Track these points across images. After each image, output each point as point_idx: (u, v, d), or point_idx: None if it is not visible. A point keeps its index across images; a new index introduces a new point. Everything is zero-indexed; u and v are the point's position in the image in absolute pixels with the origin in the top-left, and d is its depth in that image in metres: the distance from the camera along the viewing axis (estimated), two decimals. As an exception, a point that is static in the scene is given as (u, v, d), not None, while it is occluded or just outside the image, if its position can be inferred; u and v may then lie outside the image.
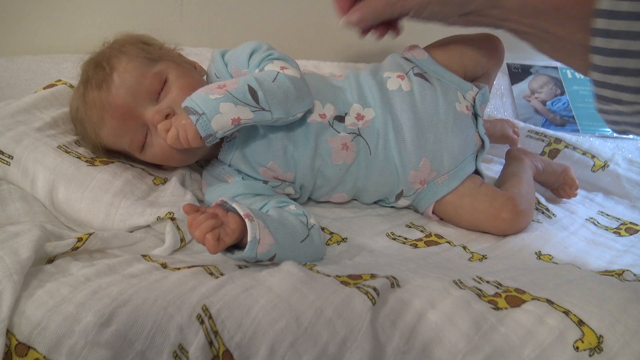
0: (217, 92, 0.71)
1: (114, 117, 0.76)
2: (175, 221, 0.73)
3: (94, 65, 0.78)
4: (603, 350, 0.52)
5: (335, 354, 0.53)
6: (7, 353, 0.51)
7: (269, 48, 0.82)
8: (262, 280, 0.58)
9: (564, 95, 1.34)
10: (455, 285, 0.60)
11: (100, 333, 0.51)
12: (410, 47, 0.91)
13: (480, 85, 0.91)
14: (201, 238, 0.61)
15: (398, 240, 0.80)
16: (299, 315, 0.54)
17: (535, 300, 0.57)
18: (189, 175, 0.86)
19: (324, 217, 0.85)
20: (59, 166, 0.76)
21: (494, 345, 0.53)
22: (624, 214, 1.00)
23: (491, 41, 0.92)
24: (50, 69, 1.04)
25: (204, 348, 0.53)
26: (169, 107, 0.76)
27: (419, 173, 0.84)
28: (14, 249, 0.57)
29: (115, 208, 0.74)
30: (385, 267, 0.67)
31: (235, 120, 0.71)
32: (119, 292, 0.54)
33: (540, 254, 0.78)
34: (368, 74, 0.87)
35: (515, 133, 1.07)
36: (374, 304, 0.55)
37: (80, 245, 0.65)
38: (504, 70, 1.36)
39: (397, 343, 0.55)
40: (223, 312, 0.54)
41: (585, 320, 0.54)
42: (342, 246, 0.77)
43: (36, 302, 0.53)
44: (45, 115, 0.84)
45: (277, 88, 0.73)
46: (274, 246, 0.65)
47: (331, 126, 0.81)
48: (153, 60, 0.79)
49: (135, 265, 0.61)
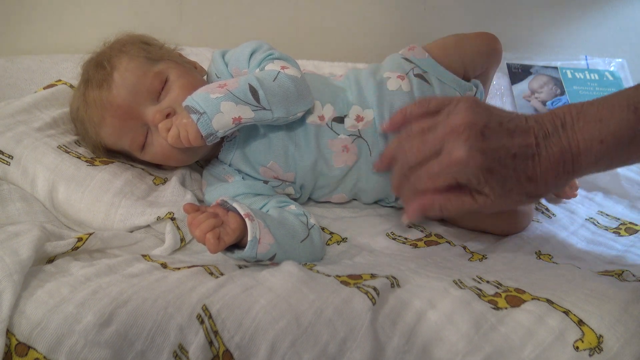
0: (218, 91, 0.71)
1: (115, 116, 0.76)
2: (175, 221, 0.73)
3: (95, 65, 0.78)
4: (603, 350, 0.52)
5: (335, 354, 0.53)
6: (7, 353, 0.51)
7: (270, 48, 0.82)
8: (262, 280, 0.58)
9: (564, 95, 1.34)
10: (456, 285, 0.60)
11: (101, 333, 0.51)
12: (410, 47, 0.91)
13: (476, 83, 0.91)
14: (201, 237, 0.61)
15: (398, 240, 0.80)
16: (299, 315, 0.54)
17: (535, 300, 0.57)
18: (189, 175, 0.86)
19: (324, 217, 0.85)
20: (59, 166, 0.76)
21: (494, 345, 0.53)
22: (624, 214, 1.00)
23: (490, 41, 0.92)
24: (50, 69, 1.04)
25: (204, 348, 0.53)
26: (170, 106, 0.76)
27: (419, 173, 0.84)
28: (14, 249, 0.57)
29: (115, 208, 0.74)
30: (385, 267, 0.67)
31: (236, 119, 0.71)
32: (119, 292, 0.54)
33: (540, 254, 0.78)
34: (368, 74, 0.87)
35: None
36: (374, 303, 0.55)
37: (80, 245, 0.65)
38: (504, 70, 1.36)
39: (397, 343, 0.55)
40: (223, 312, 0.54)
41: (585, 320, 0.54)
42: (342, 246, 0.77)
43: (36, 302, 0.53)
44: (45, 115, 0.84)
45: (278, 87, 0.73)
46: (274, 246, 0.65)
47: (330, 128, 0.81)
48: (154, 60, 0.79)
49: (135, 265, 0.61)
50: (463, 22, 1.40)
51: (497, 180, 0.58)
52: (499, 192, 0.59)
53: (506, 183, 0.59)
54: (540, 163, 0.58)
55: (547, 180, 0.59)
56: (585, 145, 0.58)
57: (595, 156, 0.58)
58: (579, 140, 0.58)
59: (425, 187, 0.61)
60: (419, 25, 1.36)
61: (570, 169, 0.59)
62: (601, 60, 1.45)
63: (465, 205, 0.61)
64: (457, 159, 0.58)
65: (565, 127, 0.58)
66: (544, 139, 0.59)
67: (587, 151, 0.58)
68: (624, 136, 0.57)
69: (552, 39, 1.47)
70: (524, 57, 1.38)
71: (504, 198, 0.60)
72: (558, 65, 1.39)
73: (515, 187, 0.59)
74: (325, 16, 1.29)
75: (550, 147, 0.58)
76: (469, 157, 0.57)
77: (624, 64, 1.44)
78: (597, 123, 0.58)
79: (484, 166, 0.58)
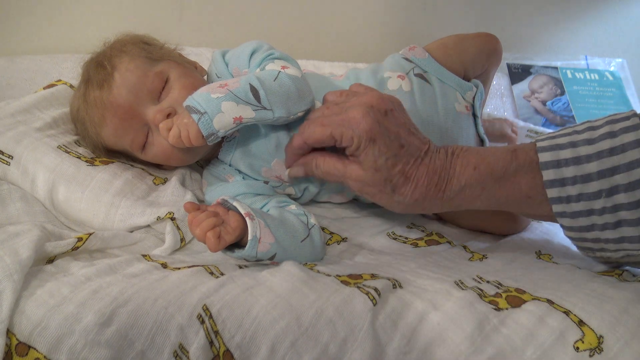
0: (218, 91, 0.71)
1: (116, 116, 0.76)
2: (175, 221, 0.73)
3: (95, 65, 0.78)
4: (603, 351, 0.52)
5: (335, 354, 0.53)
6: (8, 353, 0.51)
7: (270, 48, 0.82)
8: (263, 280, 0.58)
9: (564, 95, 1.34)
10: (457, 286, 0.60)
11: (101, 333, 0.51)
12: (411, 47, 0.91)
13: (476, 83, 0.91)
14: (202, 236, 0.61)
15: (399, 240, 0.80)
16: (299, 315, 0.54)
17: (536, 300, 0.57)
18: (189, 175, 0.86)
19: (324, 217, 0.85)
20: (59, 166, 0.76)
21: (497, 346, 0.53)
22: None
23: (490, 41, 0.92)
24: (50, 69, 1.04)
25: (204, 348, 0.53)
26: (171, 106, 0.76)
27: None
28: (14, 249, 0.57)
29: (115, 208, 0.74)
30: (385, 267, 0.67)
31: (237, 119, 0.71)
32: (119, 291, 0.54)
33: (540, 254, 0.78)
34: (369, 74, 0.87)
35: (513, 132, 1.08)
36: (374, 304, 0.55)
37: (80, 245, 0.65)
38: (504, 70, 1.36)
39: (398, 344, 0.55)
40: (224, 312, 0.54)
41: (585, 321, 0.54)
42: (342, 246, 0.77)
43: (36, 302, 0.53)
44: (45, 115, 0.84)
45: (279, 87, 0.73)
46: (274, 245, 0.65)
47: None
48: (154, 59, 0.79)
49: (136, 265, 0.61)
50: (463, 22, 1.40)
51: (373, 152, 0.64)
52: (370, 165, 0.64)
53: (380, 159, 0.64)
54: (419, 166, 0.65)
55: (417, 185, 0.65)
56: (461, 170, 0.65)
57: (466, 180, 0.64)
58: (457, 164, 0.65)
59: (313, 134, 0.67)
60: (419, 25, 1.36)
61: (442, 187, 0.65)
62: (601, 60, 1.45)
63: (336, 169, 0.68)
64: (352, 116, 0.65)
65: (454, 154, 0.66)
66: (433, 152, 0.66)
67: (461, 175, 0.65)
68: (496, 169, 0.63)
69: (552, 39, 1.47)
70: (524, 57, 1.39)
71: (371, 174, 0.65)
72: (558, 65, 1.39)
73: (386, 170, 0.64)
74: (325, 16, 1.29)
75: (433, 160, 0.65)
76: (362, 117, 0.64)
77: (624, 64, 1.44)
78: (477, 154, 0.65)
79: (371, 133, 0.64)
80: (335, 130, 0.65)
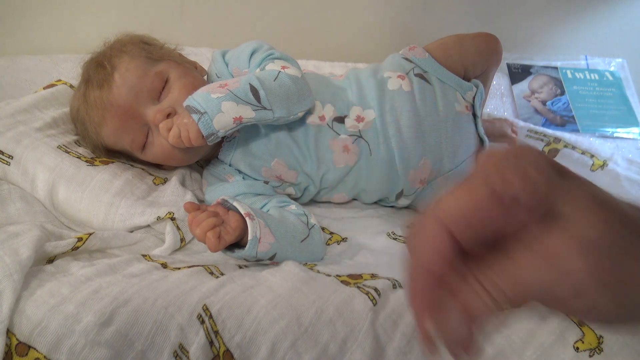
0: (218, 91, 0.71)
1: (116, 116, 0.76)
2: (175, 221, 0.73)
3: (95, 65, 0.78)
4: (603, 351, 0.52)
5: (335, 354, 0.53)
6: (8, 352, 0.51)
7: (270, 48, 0.82)
8: (263, 280, 0.58)
9: (564, 95, 1.34)
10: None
11: (101, 333, 0.51)
12: (411, 47, 0.91)
13: (476, 83, 0.91)
14: (202, 236, 0.61)
15: (398, 240, 0.80)
16: (299, 315, 0.54)
17: (536, 300, 0.57)
18: (189, 175, 0.86)
19: (324, 217, 0.84)
20: (59, 166, 0.76)
21: (497, 346, 0.53)
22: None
23: (490, 41, 0.92)
24: (50, 69, 1.04)
25: (204, 348, 0.53)
26: (171, 106, 0.75)
27: (419, 173, 0.84)
28: (14, 249, 0.57)
29: (115, 208, 0.74)
30: (385, 267, 0.67)
31: (237, 119, 0.71)
32: (119, 291, 0.54)
33: (541, 254, 0.78)
34: (369, 74, 0.87)
35: (513, 132, 1.08)
36: (374, 304, 0.55)
37: (80, 245, 0.65)
38: (504, 70, 1.36)
39: (398, 343, 0.54)
40: (223, 312, 0.54)
41: (585, 320, 0.54)
42: (342, 246, 0.77)
43: (36, 302, 0.53)
44: (45, 115, 0.84)
45: (279, 87, 0.73)
46: (274, 245, 0.65)
47: (331, 128, 0.81)
48: (154, 59, 0.79)
49: (136, 265, 0.61)
50: (463, 22, 1.40)
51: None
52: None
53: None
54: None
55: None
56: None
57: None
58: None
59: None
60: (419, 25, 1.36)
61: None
62: (601, 60, 1.45)
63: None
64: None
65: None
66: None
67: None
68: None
69: (552, 39, 1.47)
70: (524, 57, 1.38)
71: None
72: (558, 65, 1.39)
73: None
74: (325, 16, 1.29)
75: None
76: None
77: (624, 64, 1.44)
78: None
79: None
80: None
